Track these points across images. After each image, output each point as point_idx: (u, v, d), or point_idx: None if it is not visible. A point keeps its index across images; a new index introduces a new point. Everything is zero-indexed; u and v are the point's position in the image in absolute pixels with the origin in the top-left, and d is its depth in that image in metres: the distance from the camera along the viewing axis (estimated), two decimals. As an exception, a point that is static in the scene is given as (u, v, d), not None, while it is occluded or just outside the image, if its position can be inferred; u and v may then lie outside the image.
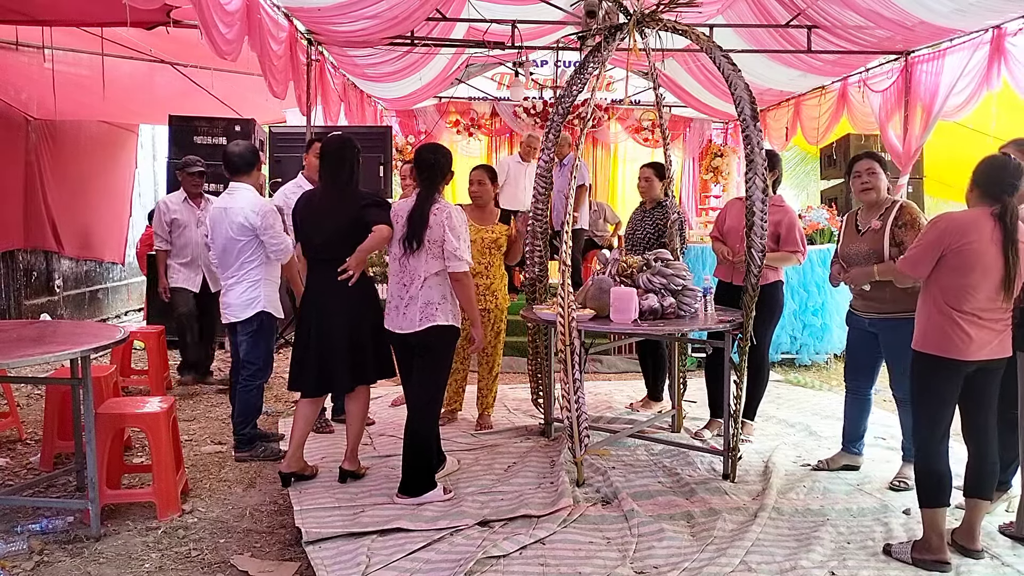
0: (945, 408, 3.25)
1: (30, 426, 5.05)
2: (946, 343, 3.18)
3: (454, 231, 3.66)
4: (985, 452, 3.29)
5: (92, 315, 8.81)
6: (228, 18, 4.38)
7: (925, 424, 3.28)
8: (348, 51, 7.10)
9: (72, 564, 3.21)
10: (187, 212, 5.92)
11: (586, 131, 4.26)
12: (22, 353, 3.26)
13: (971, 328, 3.14)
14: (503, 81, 10.91)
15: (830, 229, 7.31)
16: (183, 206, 5.91)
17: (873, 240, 3.94)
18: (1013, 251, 3.09)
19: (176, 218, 5.86)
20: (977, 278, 3.12)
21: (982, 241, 3.11)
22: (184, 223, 5.88)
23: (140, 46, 6.36)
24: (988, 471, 3.30)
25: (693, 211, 11.34)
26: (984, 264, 3.11)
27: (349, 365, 3.86)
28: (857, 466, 4.30)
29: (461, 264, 3.67)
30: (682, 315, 4.25)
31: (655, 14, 4.28)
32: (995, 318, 3.17)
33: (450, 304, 3.77)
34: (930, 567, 3.17)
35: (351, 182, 3.85)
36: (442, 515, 3.61)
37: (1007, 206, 3.11)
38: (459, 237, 3.67)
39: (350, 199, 3.82)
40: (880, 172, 3.97)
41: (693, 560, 3.22)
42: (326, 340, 3.85)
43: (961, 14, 5.54)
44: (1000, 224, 3.10)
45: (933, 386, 3.25)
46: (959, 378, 3.20)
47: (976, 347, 3.15)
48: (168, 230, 5.87)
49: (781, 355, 7.05)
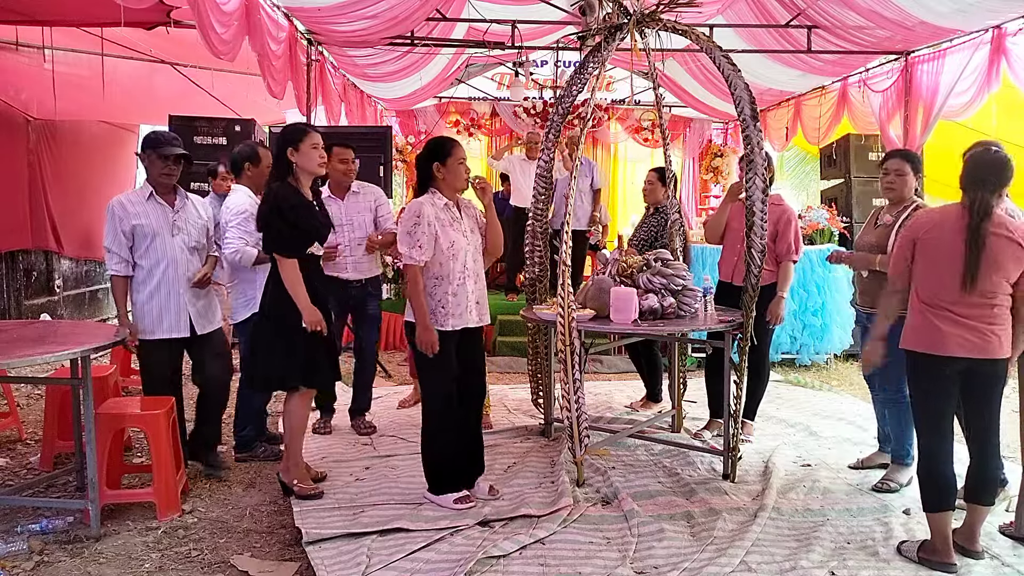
0: (938, 408, 3.22)
1: (30, 426, 5.05)
2: (922, 338, 3.19)
3: (400, 225, 3.71)
4: (986, 457, 3.26)
5: (92, 315, 8.80)
6: (225, 18, 4.38)
7: (924, 426, 3.27)
8: (348, 51, 7.09)
9: (72, 564, 3.21)
10: (155, 215, 3.95)
11: (586, 131, 4.26)
12: (22, 353, 3.26)
13: (943, 323, 3.13)
14: (503, 81, 10.90)
15: (830, 229, 7.31)
16: (149, 206, 3.96)
17: (882, 234, 4.01)
18: (975, 241, 3.06)
19: (138, 224, 3.91)
20: (943, 271, 3.13)
21: (946, 231, 3.14)
22: (151, 231, 3.93)
23: (140, 46, 6.36)
24: (989, 477, 3.27)
25: (693, 211, 11.33)
26: (949, 255, 3.11)
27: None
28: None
29: (405, 258, 3.66)
30: (682, 315, 4.25)
31: (655, 14, 4.28)
32: (971, 314, 3.11)
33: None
34: (935, 567, 3.17)
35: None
36: (442, 515, 3.61)
37: (976, 197, 3.10)
38: (406, 231, 3.64)
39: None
40: (909, 174, 3.97)
41: (693, 560, 3.22)
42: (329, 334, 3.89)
43: (961, 14, 5.54)
44: (967, 213, 3.10)
45: (922, 385, 3.27)
46: (946, 376, 3.18)
47: (953, 343, 3.12)
48: (128, 243, 3.93)
49: (781, 355, 7.05)
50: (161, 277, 3.95)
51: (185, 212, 4.06)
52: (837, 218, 7.56)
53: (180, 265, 3.99)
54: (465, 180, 3.77)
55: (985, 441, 3.25)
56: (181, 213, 4.04)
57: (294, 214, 3.66)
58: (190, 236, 4.05)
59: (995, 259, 3.08)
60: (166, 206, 4.01)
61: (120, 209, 3.92)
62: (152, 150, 3.96)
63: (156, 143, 3.97)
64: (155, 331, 3.97)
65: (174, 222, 4.00)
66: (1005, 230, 3.09)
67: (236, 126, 7.24)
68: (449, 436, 3.75)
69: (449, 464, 3.77)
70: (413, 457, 4.49)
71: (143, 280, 3.95)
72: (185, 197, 4.10)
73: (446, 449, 3.75)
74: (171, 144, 4.01)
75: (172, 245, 3.98)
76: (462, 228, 3.75)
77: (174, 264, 3.98)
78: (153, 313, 3.96)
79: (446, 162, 3.69)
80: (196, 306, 4.06)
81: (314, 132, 3.79)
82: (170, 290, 3.97)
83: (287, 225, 3.64)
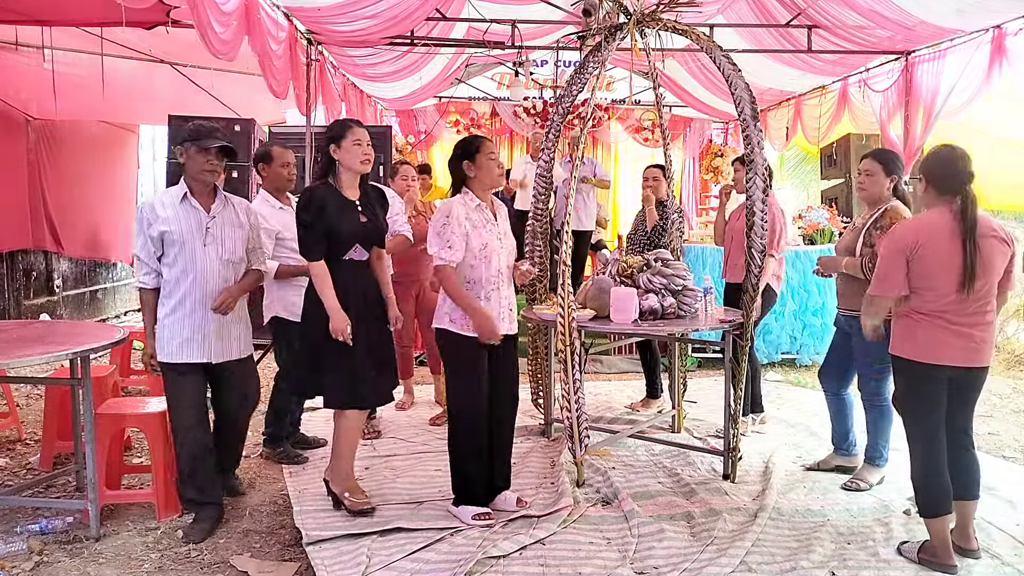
0: (931, 414, 3.20)
1: (30, 426, 5.05)
2: (915, 347, 3.17)
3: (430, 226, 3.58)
4: (964, 453, 3.27)
5: (92, 315, 8.81)
6: (224, 18, 4.37)
7: (917, 432, 3.25)
8: (348, 51, 7.09)
9: (72, 564, 3.20)
10: (186, 220, 3.43)
11: (586, 131, 4.25)
12: (22, 353, 3.25)
13: (936, 331, 3.11)
14: (503, 81, 10.90)
15: (830, 229, 7.31)
16: (181, 209, 3.43)
17: (853, 236, 4.00)
18: (972, 244, 3.01)
19: (166, 230, 3.39)
20: (940, 280, 3.07)
21: (942, 241, 3.05)
22: (179, 237, 3.40)
23: (140, 46, 6.36)
24: (970, 470, 3.28)
25: (693, 211, 11.33)
26: (946, 264, 3.05)
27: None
28: (851, 467, 4.25)
29: (435, 258, 3.52)
30: (682, 315, 4.25)
31: (655, 14, 4.28)
32: (968, 322, 3.09)
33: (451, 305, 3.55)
34: (936, 568, 3.17)
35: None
36: (442, 515, 3.61)
37: (967, 197, 3.05)
38: (435, 232, 3.51)
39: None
40: (879, 174, 3.89)
41: (693, 560, 3.22)
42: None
43: (961, 14, 5.54)
44: (960, 218, 3.04)
45: (914, 392, 3.24)
46: (939, 383, 3.16)
47: (946, 352, 3.11)
48: (156, 251, 3.43)
49: (781, 355, 7.05)
50: (187, 291, 3.42)
51: (222, 218, 3.50)
52: (837, 218, 7.56)
53: (210, 280, 3.44)
54: (499, 176, 3.64)
55: (963, 439, 3.28)
56: (217, 219, 3.49)
57: (321, 216, 3.44)
58: (224, 247, 3.49)
59: (989, 261, 3.08)
60: (200, 210, 3.46)
61: (150, 213, 3.43)
62: (191, 143, 3.42)
63: (195, 135, 3.44)
64: (174, 353, 3.44)
65: (208, 229, 3.44)
66: (991, 230, 3.09)
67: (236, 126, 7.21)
68: (473, 447, 3.59)
69: (472, 476, 3.61)
70: (413, 457, 4.51)
71: (167, 294, 3.45)
72: (225, 200, 3.57)
73: (470, 460, 3.60)
74: (212, 136, 3.45)
75: (202, 256, 3.43)
76: (496, 231, 3.61)
77: (202, 278, 3.42)
78: (174, 332, 3.43)
79: (476, 158, 3.57)
80: (220, 328, 3.50)
81: (357, 127, 3.56)
82: (195, 307, 3.42)
83: (309, 228, 3.44)
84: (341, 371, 3.52)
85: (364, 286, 3.62)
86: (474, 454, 3.60)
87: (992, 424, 5.43)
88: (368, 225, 3.58)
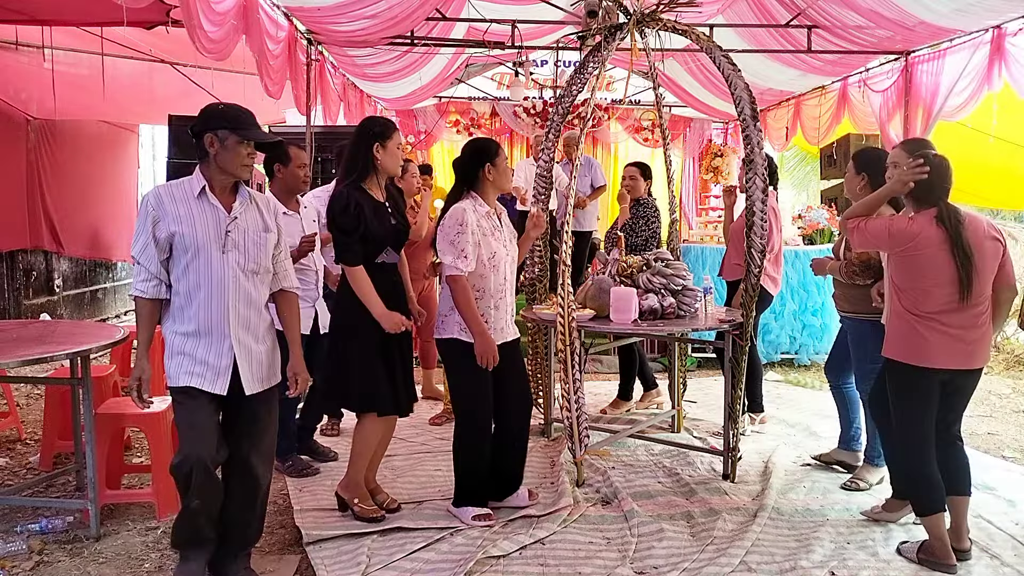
0: (922, 415, 3.22)
1: (30, 426, 5.05)
2: (909, 350, 3.19)
3: (442, 233, 3.48)
4: (953, 447, 3.30)
5: (92, 315, 8.81)
6: (217, 17, 4.35)
7: (907, 432, 3.26)
8: (348, 51, 7.09)
9: (72, 564, 3.21)
10: (203, 221, 2.77)
11: (586, 131, 4.26)
12: (22, 353, 3.26)
13: (930, 334, 3.13)
14: (503, 81, 10.90)
15: (829, 229, 7.31)
16: (197, 207, 2.78)
17: (839, 240, 4.08)
18: (961, 252, 3.06)
19: (178, 232, 2.74)
20: (930, 283, 3.12)
21: (931, 247, 3.10)
22: (194, 242, 2.75)
23: (140, 46, 6.36)
24: (961, 466, 3.30)
25: (693, 211, 11.33)
26: (935, 269, 3.10)
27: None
28: (852, 464, 4.25)
29: (449, 268, 3.42)
30: (682, 315, 4.25)
31: (655, 14, 4.28)
32: (961, 324, 3.12)
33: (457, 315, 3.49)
34: (935, 568, 3.18)
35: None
36: (442, 515, 3.61)
37: (943, 210, 3.10)
38: (448, 240, 3.42)
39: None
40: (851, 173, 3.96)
41: (693, 560, 3.22)
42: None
43: (961, 14, 5.54)
44: (942, 227, 3.08)
45: (905, 393, 3.25)
46: (931, 384, 3.18)
47: (940, 355, 3.13)
48: (162, 255, 2.77)
49: (781, 355, 7.05)
50: (201, 306, 2.77)
51: (245, 220, 2.84)
52: (837, 218, 7.55)
53: (229, 293, 2.78)
54: (511, 181, 3.61)
55: (952, 436, 3.31)
56: (239, 220, 2.82)
57: (360, 220, 3.34)
58: (247, 254, 2.83)
59: (983, 266, 3.11)
60: (220, 209, 2.79)
61: (157, 208, 2.74)
62: (230, 131, 2.74)
63: (235, 122, 2.75)
64: (180, 377, 2.78)
65: (227, 233, 2.78)
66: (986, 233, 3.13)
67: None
68: (480, 449, 3.58)
69: (477, 477, 3.60)
70: (413, 457, 4.51)
71: (179, 307, 2.79)
72: (248, 198, 2.88)
73: (471, 464, 3.59)
74: (256, 126, 2.83)
75: (220, 265, 2.77)
76: (502, 239, 3.56)
77: (220, 291, 2.77)
78: (183, 353, 2.78)
79: (495, 162, 3.51)
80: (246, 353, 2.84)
81: (398, 130, 3.48)
82: (210, 326, 2.77)
83: (350, 233, 3.34)
84: (368, 376, 3.45)
85: (394, 288, 3.57)
86: (480, 456, 3.59)
87: (992, 424, 5.43)
88: (398, 227, 3.53)
